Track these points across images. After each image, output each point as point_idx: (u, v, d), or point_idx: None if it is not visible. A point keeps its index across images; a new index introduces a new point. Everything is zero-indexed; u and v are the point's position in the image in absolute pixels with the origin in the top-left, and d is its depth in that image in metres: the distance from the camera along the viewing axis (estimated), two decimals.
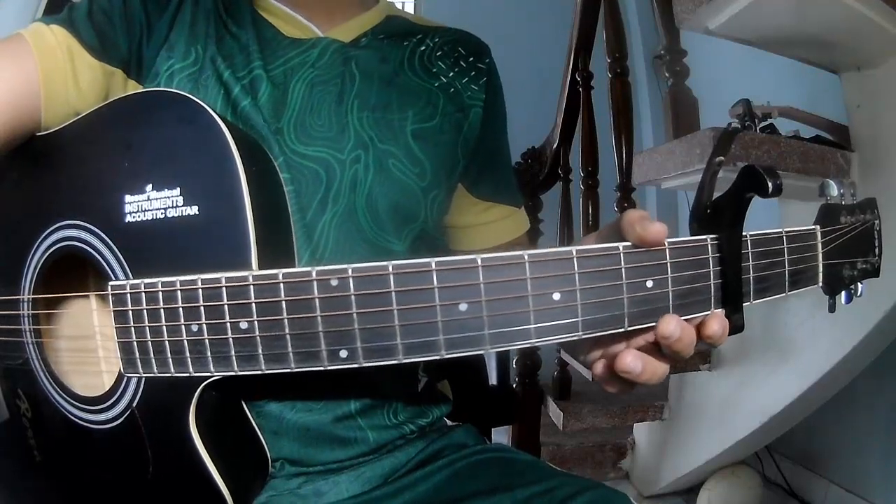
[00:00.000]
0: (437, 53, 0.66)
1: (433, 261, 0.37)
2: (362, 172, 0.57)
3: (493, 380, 0.98)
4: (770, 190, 0.37)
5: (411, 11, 3.89)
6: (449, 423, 0.69)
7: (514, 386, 1.69)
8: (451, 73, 0.65)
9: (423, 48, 0.66)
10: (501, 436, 1.68)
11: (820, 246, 0.44)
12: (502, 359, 1.03)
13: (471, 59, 0.68)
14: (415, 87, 0.63)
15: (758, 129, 1.30)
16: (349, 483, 0.57)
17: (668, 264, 0.39)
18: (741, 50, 1.30)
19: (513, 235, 0.72)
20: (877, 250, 0.47)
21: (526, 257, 0.37)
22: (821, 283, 0.45)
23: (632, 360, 0.39)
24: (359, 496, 0.57)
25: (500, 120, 0.71)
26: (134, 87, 0.56)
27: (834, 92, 1.29)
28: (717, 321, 0.39)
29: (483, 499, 0.54)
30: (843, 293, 0.47)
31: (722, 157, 0.41)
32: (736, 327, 0.40)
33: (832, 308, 0.47)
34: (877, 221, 0.48)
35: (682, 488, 1.78)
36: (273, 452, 0.54)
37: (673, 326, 0.37)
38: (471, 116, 0.65)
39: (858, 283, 0.47)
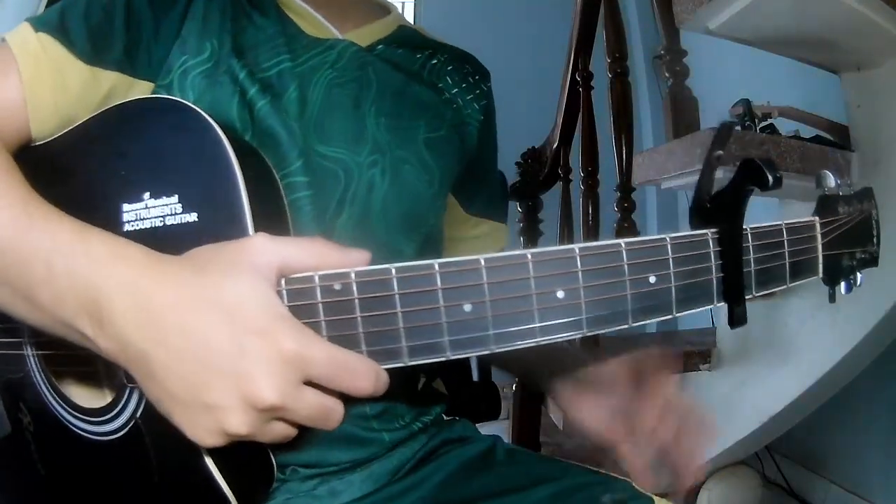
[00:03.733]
0: (448, 68, 0.69)
1: (436, 262, 0.37)
2: (379, 177, 0.58)
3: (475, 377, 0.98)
4: (770, 183, 0.37)
5: (412, 11, 3.88)
6: (445, 417, 0.70)
7: (514, 385, 1.69)
8: (456, 90, 0.68)
9: (433, 62, 0.68)
10: (501, 435, 1.68)
11: (819, 237, 0.44)
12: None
13: (476, 77, 0.71)
14: (425, 98, 0.65)
15: (758, 129, 1.30)
16: (362, 481, 0.58)
17: (671, 259, 0.39)
18: (741, 50, 1.30)
19: (494, 249, 0.73)
20: (875, 240, 0.47)
21: (529, 256, 0.37)
22: (821, 274, 0.45)
23: None
24: (372, 494, 0.58)
25: (493, 142, 0.75)
26: (142, 87, 0.54)
27: (834, 92, 1.29)
28: None
29: (500, 497, 0.55)
30: (843, 283, 0.47)
31: (721, 152, 0.41)
32: (739, 319, 0.40)
33: (832, 298, 0.47)
34: (874, 211, 0.48)
35: None
36: (289, 458, 0.54)
37: None
38: (468, 132, 0.68)
39: (858, 274, 0.47)
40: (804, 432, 1.62)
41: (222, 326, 0.34)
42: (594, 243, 0.38)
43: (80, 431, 0.49)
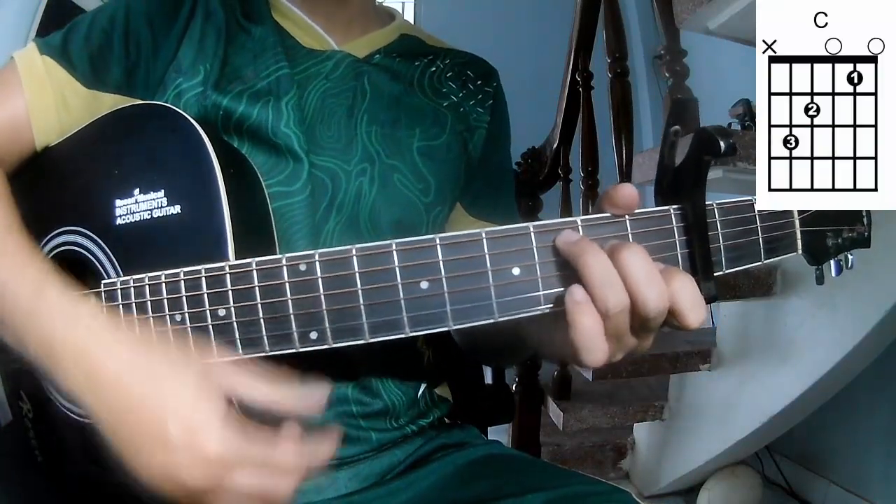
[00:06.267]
0: (448, 74, 0.68)
1: (394, 241, 0.38)
2: (367, 185, 0.58)
3: (487, 379, 0.98)
4: (723, 149, 0.37)
5: (411, 13, 3.88)
6: (447, 421, 0.69)
7: (514, 386, 1.69)
8: (460, 95, 0.67)
9: (433, 69, 0.67)
10: (501, 436, 1.68)
11: (796, 213, 0.44)
12: None
13: (479, 82, 0.70)
14: (423, 106, 0.64)
15: None
16: (347, 479, 0.58)
17: (630, 235, 0.39)
18: (741, 50, 1.30)
19: None
20: (864, 220, 0.46)
21: (483, 234, 0.38)
22: (800, 251, 0.44)
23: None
24: (358, 492, 0.57)
25: (503, 143, 0.73)
26: None
27: None
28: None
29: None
30: (833, 264, 0.46)
31: (678, 127, 0.41)
32: (709, 297, 0.39)
33: (820, 280, 0.46)
34: None
35: (682, 488, 1.78)
36: None
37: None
38: (475, 137, 0.68)
39: (848, 255, 0.46)
40: (804, 432, 1.63)
41: (154, 417, 0.37)
42: (549, 221, 0.39)
43: (74, 416, 0.50)
